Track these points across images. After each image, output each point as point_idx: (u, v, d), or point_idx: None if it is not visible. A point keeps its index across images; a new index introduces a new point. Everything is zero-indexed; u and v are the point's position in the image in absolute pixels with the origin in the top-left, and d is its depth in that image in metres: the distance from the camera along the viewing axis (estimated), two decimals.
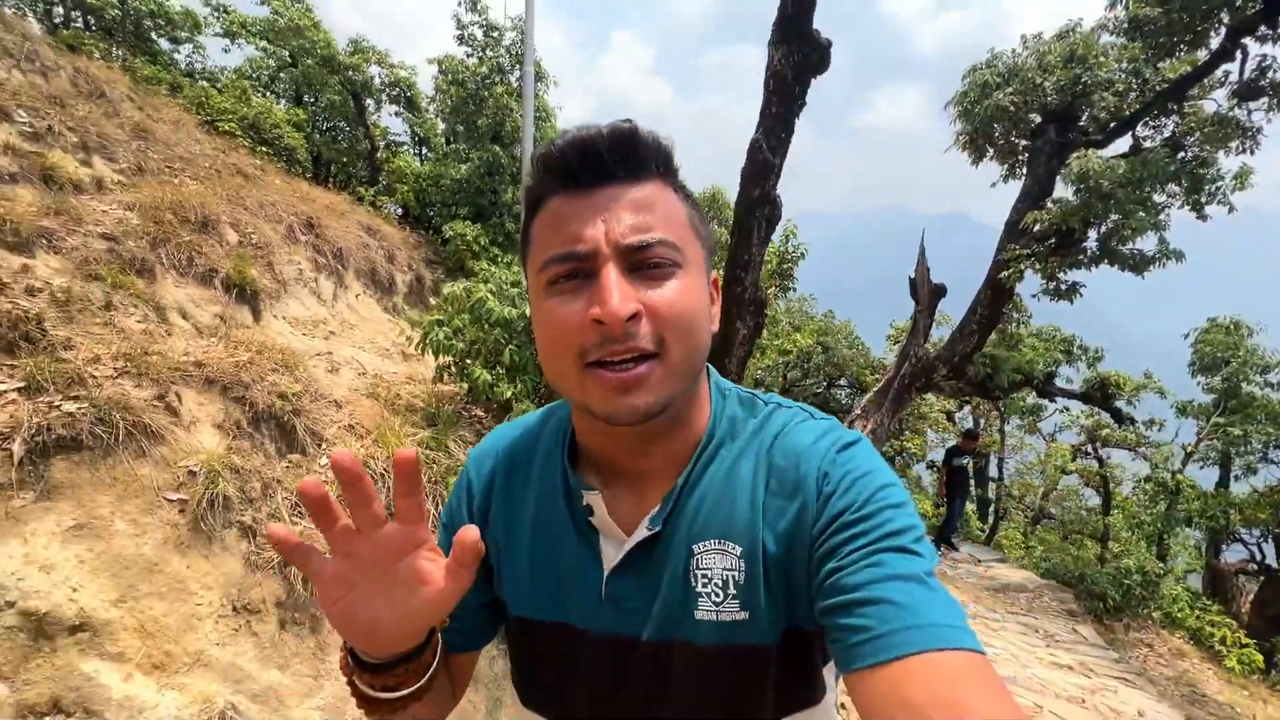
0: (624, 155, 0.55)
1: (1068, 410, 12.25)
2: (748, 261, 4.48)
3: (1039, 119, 7.30)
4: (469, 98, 8.77)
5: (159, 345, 2.49)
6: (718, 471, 0.62)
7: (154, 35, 12.44)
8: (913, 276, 7.91)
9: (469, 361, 2.77)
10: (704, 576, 0.59)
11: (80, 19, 11.84)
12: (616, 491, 0.65)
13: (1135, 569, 6.99)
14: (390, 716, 0.59)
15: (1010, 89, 6.68)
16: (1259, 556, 8.48)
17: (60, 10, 12.45)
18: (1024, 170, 7.75)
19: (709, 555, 0.60)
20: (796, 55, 3.86)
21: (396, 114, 13.58)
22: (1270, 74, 6.37)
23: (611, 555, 0.63)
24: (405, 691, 0.58)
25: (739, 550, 0.59)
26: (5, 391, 1.93)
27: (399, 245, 7.73)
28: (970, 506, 14.74)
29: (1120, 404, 9.18)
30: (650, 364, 0.55)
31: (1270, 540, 8.15)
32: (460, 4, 9.24)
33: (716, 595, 0.59)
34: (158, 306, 2.87)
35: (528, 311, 2.79)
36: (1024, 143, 7.72)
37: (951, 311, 10.10)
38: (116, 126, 4.79)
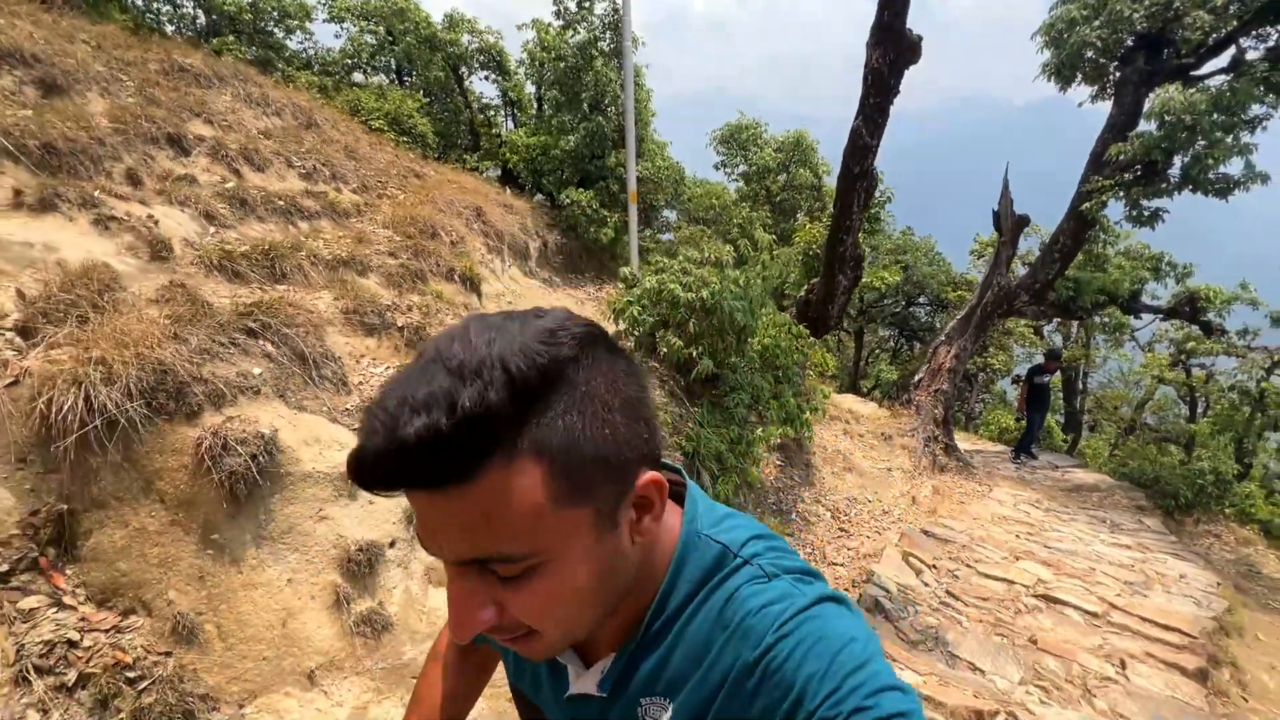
0: (428, 470, 0.43)
1: (1172, 322, 12.24)
2: (849, 226, 5.40)
3: (1130, 41, 7.43)
4: (568, 70, 9.61)
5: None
6: (672, 632, 0.61)
7: (272, 28, 13.86)
8: (996, 209, 8.41)
9: (662, 332, 3.95)
10: None
11: (203, 19, 13.37)
12: None
13: (1209, 470, 7.66)
14: None
15: (1098, 23, 6.90)
16: None
17: (189, 12, 14.01)
18: (1111, 93, 7.93)
19: (654, 708, 0.61)
20: (891, 53, 4.62)
21: (486, 78, 14.56)
22: None
23: (573, 676, 0.66)
24: None
25: (671, 709, 0.60)
26: None
27: (526, 215, 8.96)
28: (1054, 419, 15.17)
29: (1211, 316, 9.42)
30: (530, 636, 0.54)
31: None
32: None
33: None
34: (451, 303, 4.23)
35: (703, 294, 3.94)
36: (1114, 64, 7.84)
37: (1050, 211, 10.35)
38: (336, 151, 6.14)
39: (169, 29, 13.09)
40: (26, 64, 3.88)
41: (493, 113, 14.99)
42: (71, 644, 1.88)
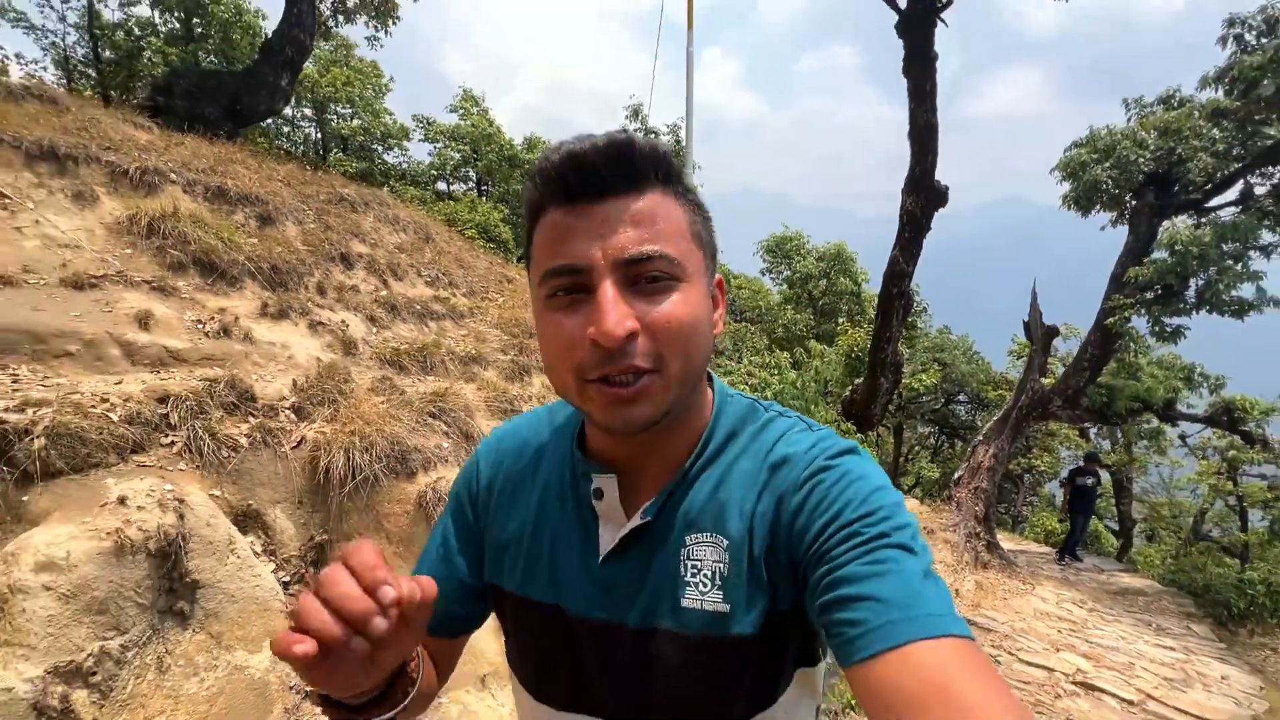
0: (620, 169, 0.55)
1: (1215, 431, 12.37)
2: (889, 336, 6.18)
3: (1140, 178, 8.33)
4: None
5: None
6: (715, 469, 0.65)
7: (375, 145, 16.07)
8: (1026, 320, 9.09)
9: None
10: (694, 566, 0.62)
11: (317, 136, 15.55)
12: (621, 480, 0.67)
13: (1260, 580, 7.71)
14: None
15: (1108, 164, 7.84)
16: None
17: (310, 133, 16.35)
18: (1128, 220, 8.75)
19: (700, 546, 0.62)
20: (923, 200, 5.57)
21: None
22: None
23: (608, 540, 0.66)
24: (388, 716, 0.59)
25: (727, 543, 0.62)
26: None
27: None
28: (1102, 525, 14.92)
29: (1250, 426, 9.65)
30: (649, 378, 0.56)
31: None
32: (625, 116, 11.66)
33: (704, 585, 0.61)
34: (458, 355, 5.10)
35: (766, 393, 4.71)
36: (1128, 195, 8.72)
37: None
38: (450, 261, 7.33)
39: (282, 145, 15.39)
40: (251, 203, 5.11)
41: None
42: None
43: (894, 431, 17.82)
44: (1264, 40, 6.87)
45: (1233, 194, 8.31)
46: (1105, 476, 12.64)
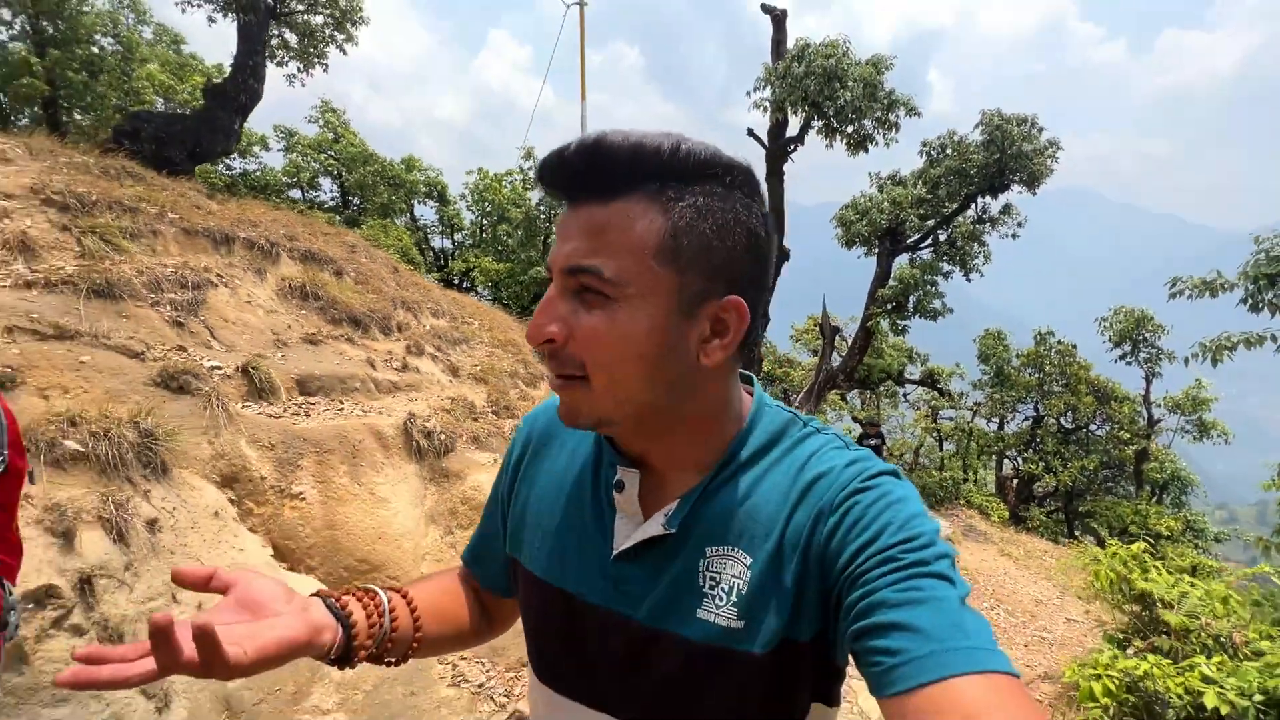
0: (589, 173, 0.56)
1: (936, 391, 18.54)
2: (754, 340, 9.50)
3: (881, 230, 12.93)
4: (531, 221, 13.04)
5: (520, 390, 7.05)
6: (744, 481, 0.64)
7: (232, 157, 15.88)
8: (819, 322, 13.33)
9: None
10: (712, 579, 0.62)
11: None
12: (642, 475, 0.66)
13: (949, 478, 12.81)
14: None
15: (864, 222, 12.22)
16: (1018, 467, 14.81)
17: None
18: (875, 255, 13.40)
19: (720, 560, 0.62)
20: (777, 258, 8.98)
21: (429, 206, 17.53)
22: (986, 213, 12.31)
23: (623, 535, 0.66)
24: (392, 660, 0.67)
25: (749, 560, 0.61)
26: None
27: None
28: None
29: (942, 385, 15.20)
30: (575, 384, 0.58)
31: (1021, 459, 14.45)
32: (520, 156, 13.67)
33: (720, 599, 0.61)
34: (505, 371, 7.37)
35: None
36: (876, 240, 13.37)
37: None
38: (428, 293, 8.92)
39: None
40: (329, 261, 6.53)
41: (431, 231, 17.88)
42: None
43: None
44: (940, 155, 11.61)
45: (929, 242, 13.33)
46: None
